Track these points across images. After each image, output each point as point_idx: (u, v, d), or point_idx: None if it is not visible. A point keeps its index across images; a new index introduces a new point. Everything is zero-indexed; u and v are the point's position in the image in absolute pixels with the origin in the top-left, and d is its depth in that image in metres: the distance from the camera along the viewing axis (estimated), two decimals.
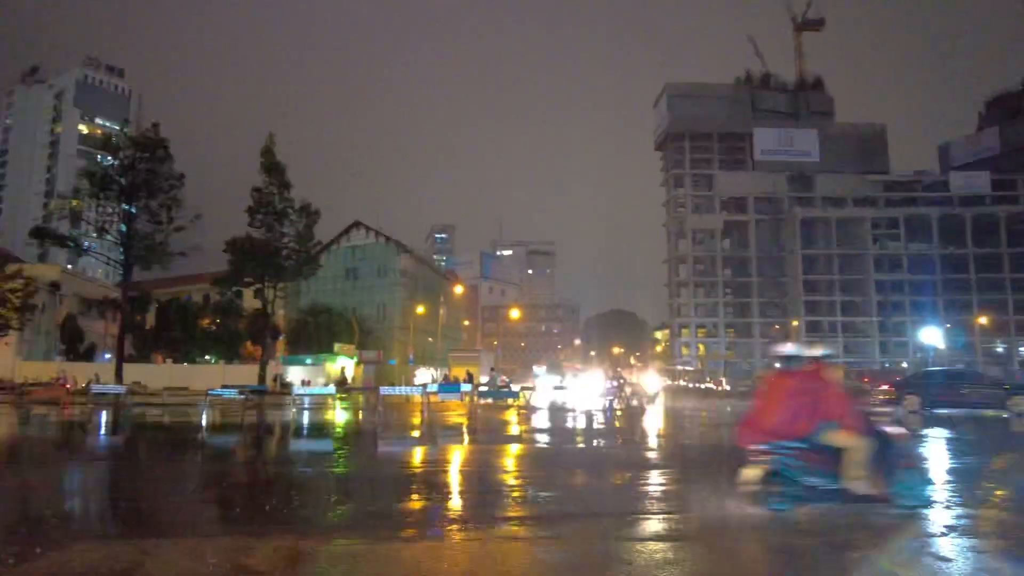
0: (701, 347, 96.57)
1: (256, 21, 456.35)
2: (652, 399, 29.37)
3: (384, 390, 23.26)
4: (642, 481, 9.19)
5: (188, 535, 5.94)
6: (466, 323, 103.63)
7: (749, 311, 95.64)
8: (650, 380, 42.33)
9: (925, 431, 15.64)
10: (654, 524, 6.38)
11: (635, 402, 23.72)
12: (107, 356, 49.46)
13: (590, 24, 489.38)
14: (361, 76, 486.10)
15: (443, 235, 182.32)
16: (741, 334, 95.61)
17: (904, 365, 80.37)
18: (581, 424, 19.41)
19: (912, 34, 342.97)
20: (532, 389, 28.33)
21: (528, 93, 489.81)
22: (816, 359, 6.49)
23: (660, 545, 5.57)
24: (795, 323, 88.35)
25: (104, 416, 21.60)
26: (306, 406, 25.22)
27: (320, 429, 18.63)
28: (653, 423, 20.32)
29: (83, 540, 5.74)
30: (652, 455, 12.65)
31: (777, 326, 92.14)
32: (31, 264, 51.21)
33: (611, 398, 23.81)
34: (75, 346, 47.50)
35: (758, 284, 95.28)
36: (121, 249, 35.36)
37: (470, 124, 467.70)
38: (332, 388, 28.88)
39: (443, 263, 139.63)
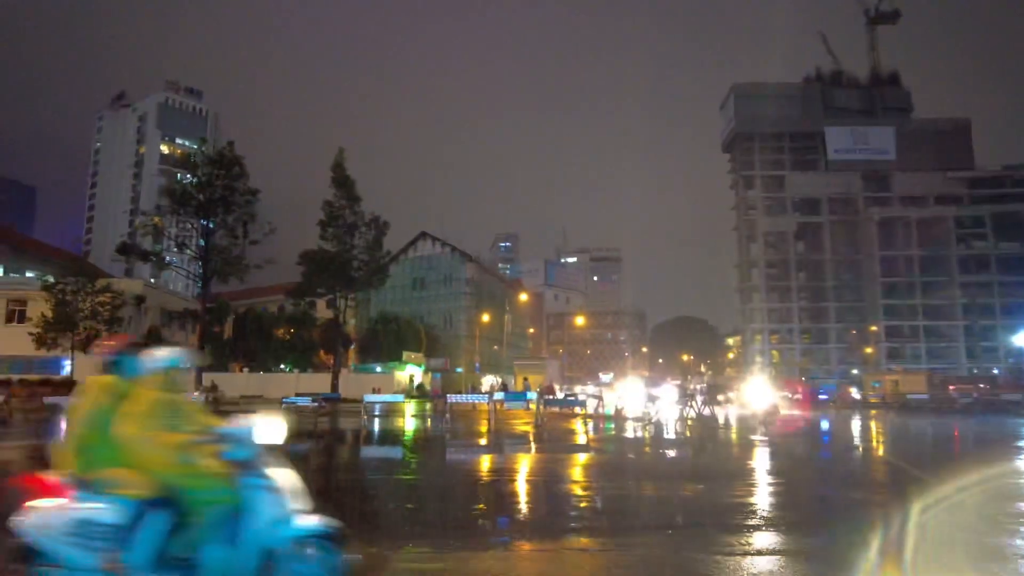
0: (775, 354, 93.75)
1: (324, 39, 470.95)
2: (768, 420, 23.11)
3: (452, 398, 23.46)
4: (713, 493, 8.93)
5: None
6: (531, 331, 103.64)
7: (825, 316, 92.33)
8: (757, 393, 33.32)
9: None
10: (727, 536, 6.17)
11: (707, 411, 23.03)
12: None
13: (653, 26, 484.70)
14: (425, 88, 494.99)
15: (507, 243, 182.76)
16: (817, 340, 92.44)
17: (996, 372, 76.08)
18: (651, 434, 19.04)
19: (995, 21, 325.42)
20: (599, 398, 28.03)
21: (591, 98, 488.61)
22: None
23: (734, 560, 5.37)
24: (874, 328, 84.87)
25: None
26: (376, 413, 25.67)
27: (391, 437, 18.88)
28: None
29: None
30: (725, 468, 12.30)
31: (855, 331, 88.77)
32: (118, 279, 53.88)
33: (705, 407, 23.00)
34: None
35: (834, 288, 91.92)
36: (200, 263, 36.88)
37: (533, 131, 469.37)
38: (401, 396, 29.31)
39: (507, 271, 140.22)
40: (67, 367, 41.48)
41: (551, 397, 27.95)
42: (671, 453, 14.60)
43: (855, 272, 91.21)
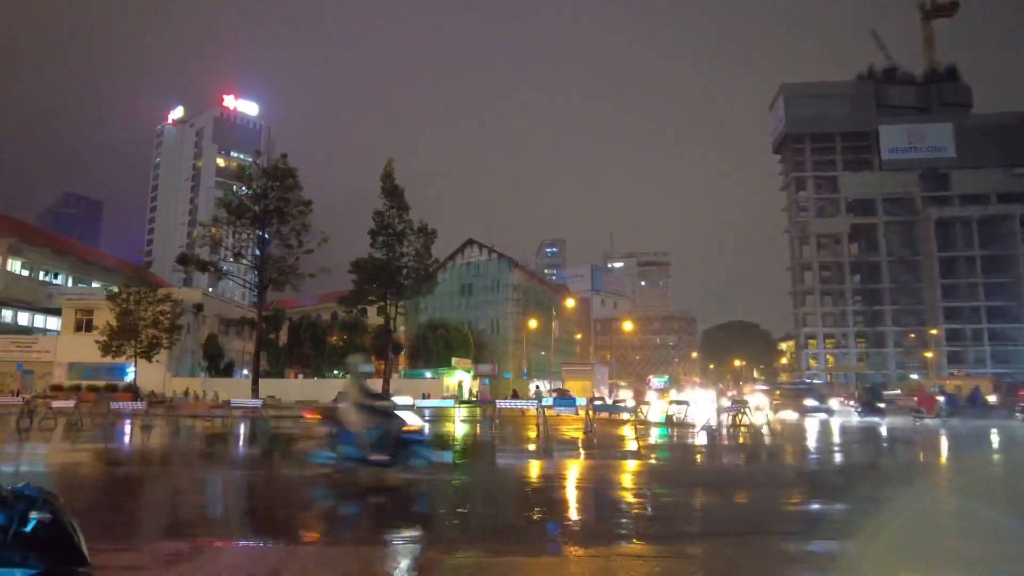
0: (830, 358, 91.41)
1: (370, 48, 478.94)
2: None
3: (501, 403, 23.67)
4: (766, 500, 8.87)
5: (321, 543, 6.29)
6: (578, 336, 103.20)
7: (881, 319, 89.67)
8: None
9: None
10: (780, 544, 6.15)
11: (759, 417, 22.73)
12: (244, 372, 52.86)
13: (701, 25, 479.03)
14: (472, 95, 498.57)
15: (554, 249, 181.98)
16: (873, 344, 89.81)
17: None
18: (701, 440, 18.82)
19: None
20: (648, 404, 27.87)
21: (639, 101, 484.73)
22: None
23: (787, 566, 5.37)
24: (933, 331, 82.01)
25: (242, 427, 23.14)
26: (427, 418, 26.00)
27: (440, 440, 19.09)
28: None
29: (227, 541, 6.22)
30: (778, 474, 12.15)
31: (913, 334, 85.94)
32: (178, 288, 55.78)
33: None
34: (216, 363, 51.08)
35: (890, 290, 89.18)
36: (256, 272, 37.89)
37: (579, 136, 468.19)
38: (451, 401, 29.65)
39: (554, 277, 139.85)
40: (131, 373, 43.07)
41: (598, 403, 27.84)
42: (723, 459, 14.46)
43: (912, 274, 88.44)
